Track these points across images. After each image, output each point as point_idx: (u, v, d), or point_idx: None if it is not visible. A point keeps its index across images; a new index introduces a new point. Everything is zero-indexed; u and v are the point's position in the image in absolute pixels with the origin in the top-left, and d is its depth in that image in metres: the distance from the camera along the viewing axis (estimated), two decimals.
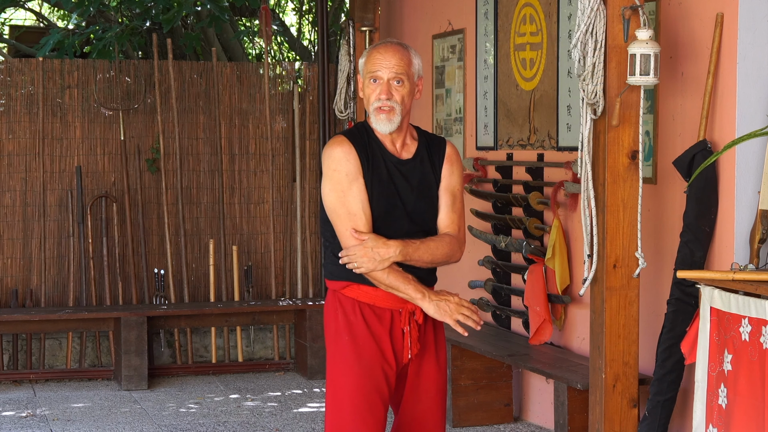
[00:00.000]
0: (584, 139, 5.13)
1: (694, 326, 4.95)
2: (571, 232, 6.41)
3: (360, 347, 4.10)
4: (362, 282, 4.11)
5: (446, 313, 4.03)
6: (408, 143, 4.25)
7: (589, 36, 5.02)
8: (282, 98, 9.22)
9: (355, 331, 4.11)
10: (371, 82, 4.13)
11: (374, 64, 4.13)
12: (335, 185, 4.08)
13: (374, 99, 4.12)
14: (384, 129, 4.14)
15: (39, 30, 12.34)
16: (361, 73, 4.21)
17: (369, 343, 4.10)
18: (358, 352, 4.10)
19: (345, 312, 4.14)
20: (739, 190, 5.15)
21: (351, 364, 4.10)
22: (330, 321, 4.19)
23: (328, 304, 4.21)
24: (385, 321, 4.13)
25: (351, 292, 4.14)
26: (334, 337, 4.16)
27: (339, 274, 4.15)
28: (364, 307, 4.13)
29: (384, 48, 4.16)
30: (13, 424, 7.16)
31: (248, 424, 7.12)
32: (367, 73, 4.15)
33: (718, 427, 4.68)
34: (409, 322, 4.13)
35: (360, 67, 4.21)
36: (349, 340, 4.11)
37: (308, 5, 12.19)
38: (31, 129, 8.76)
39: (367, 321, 4.12)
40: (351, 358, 4.10)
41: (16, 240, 8.75)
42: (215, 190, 9.08)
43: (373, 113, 4.14)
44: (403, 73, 4.13)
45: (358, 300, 4.13)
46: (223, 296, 8.98)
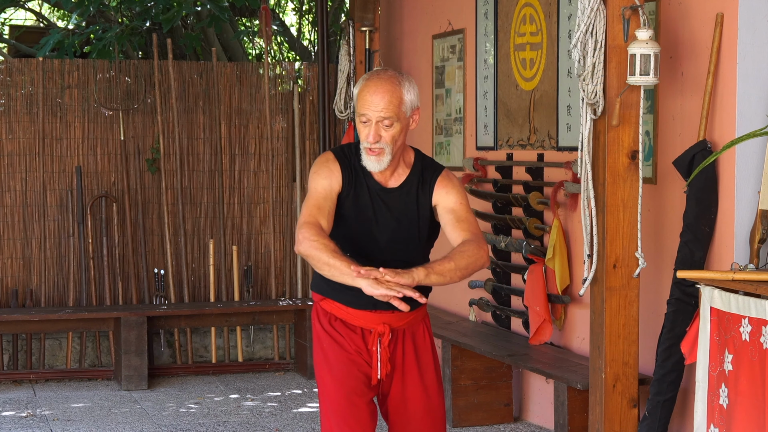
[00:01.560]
0: (584, 139, 5.13)
1: (694, 326, 4.95)
2: (571, 232, 6.41)
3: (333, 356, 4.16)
4: (335, 298, 4.17)
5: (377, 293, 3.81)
6: (399, 172, 4.16)
7: (589, 36, 5.02)
8: (282, 98, 9.22)
9: (330, 342, 4.18)
10: (360, 120, 4.04)
11: (363, 105, 4.01)
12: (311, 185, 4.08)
13: (363, 139, 4.04)
14: (373, 168, 4.08)
15: (39, 30, 12.34)
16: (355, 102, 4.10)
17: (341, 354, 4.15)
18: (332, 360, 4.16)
19: (321, 323, 4.22)
20: (739, 190, 5.15)
21: (327, 370, 4.17)
22: (313, 329, 4.28)
23: (313, 312, 4.30)
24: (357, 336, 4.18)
25: (327, 305, 4.22)
26: (315, 344, 4.26)
27: (318, 287, 4.24)
28: (337, 322, 4.19)
29: (374, 86, 4.01)
30: (13, 424, 7.16)
31: (248, 424, 7.12)
32: (358, 110, 4.04)
33: (719, 427, 4.68)
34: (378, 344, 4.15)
35: (355, 95, 4.10)
36: (326, 348, 4.18)
37: (308, 5, 12.19)
38: (31, 129, 8.76)
39: (340, 333, 4.17)
40: (327, 365, 4.17)
41: (16, 240, 8.75)
42: (215, 190, 9.08)
43: (363, 150, 4.07)
44: (392, 116, 3.99)
45: (332, 313, 4.20)
46: (223, 296, 8.98)
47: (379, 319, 4.15)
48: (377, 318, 4.15)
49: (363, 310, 4.15)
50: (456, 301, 7.73)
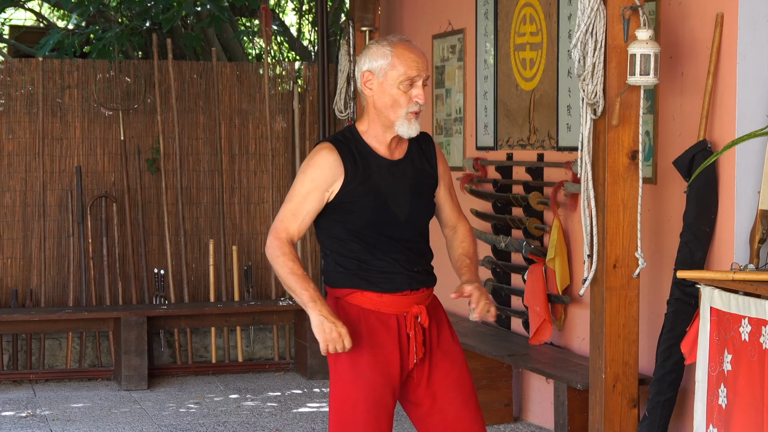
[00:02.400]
0: (584, 139, 5.13)
1: (694, 326, 4.95)
2: (571, 232, 6.41)
3: (364, 357, 4.00)
4: (366, 289, 4.03)
5: (321, 336, 3.89)
6: (401, 143, 4.12)
7: (589, 36, 5.02)
8: (282, 98, 9.22)
9: (360, 341, 4.00)
10: (405, 84, 3.96)
11: (410, 67, 3.94)
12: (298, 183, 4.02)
13: (409, 103, 3.96)
14: (411, 133, 4.02)
15: (39, 30, 12.35)
16: (377, 72, 3.99)
17: (373, 353, 4.00)
18: (363, 362, 4.00)
19: (349, 320, 4.02)
20: (739, 190, 5.15)
21: (356, 374, 4.00)
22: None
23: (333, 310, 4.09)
24: (391, 327, 4.04)
25: (355, 299, 4.05)
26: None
27: (342, 282, 4.07)
28: (369, 315, 4.03)
29: (411, 47, 3.98)
30: (13, 424, 7.16)
31: (248, 424, 7.12)
32: (398, 74, 3.95)
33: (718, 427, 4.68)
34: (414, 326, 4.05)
35: (377, 66, 3.98)
36: (353, 350, 3.99)
37: (308, 5, 12.19)
38: (31, 129, 8.76)
39: (371, 329, 4.02)
40: (356, 368, 4.00)
41: (16, 240, 8.75)
42: (215, 190, 9.08)
43: (404, 117, 3.98)
44: (429, 74, 4.06)
45: (363, 307, 4.04)
46: (223, 296, 8.98)
47: (411, 300, 4.05)
48: (410, 300, 4.05)
49: (398, 293, 4.03)
50: (456, 301, 7.72)
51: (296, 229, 4.02)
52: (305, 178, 4.00)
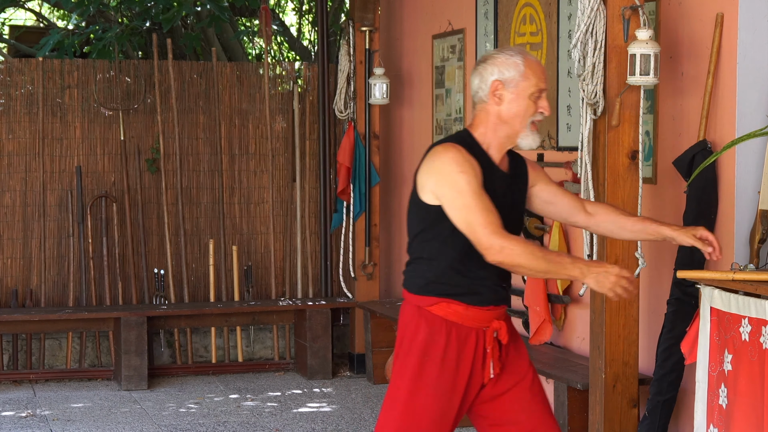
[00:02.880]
0: (584, 139, 5.13)
1: (694, 326, 4.95)
2: (571, 232, 6.41)
3: (441, 370, 3.96)
4: (458, 299, 3.96)
5: (604, 286, 3.81)
6: (505, 157, 4.09)
7: (589, 36, 5.02)
8: (282, 98, 9.22)
9: (438, 353, 3.96)
10: (535, 95, 3.97)
11: (541, 78, 3.98)
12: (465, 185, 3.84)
13: (536, 112, 3.97)
14: (533, 144, 4.02)
15: (39, 30, 12.35)
16: (509, 83, 3.96)
17: (451, 367, 3.96)
18: (438, 375, 3.96)
19: (431, 331, 3.96)
20: (739, 190, 5.15)
21: (428, 386, 3.96)
22: (410, 336, 4.01)
23: (409, 318, 4.03)
24: (470, 341, 4.00)
25: (440, 310, 3.98)
26: (412, 353, 3.99)
27: (431, 290, 3.99)
28: (451, 327, 3.98)
29: (537, 60, 4.04)
30: (13, 424, 7.16)
31: (248, 424, 7.12)
32: (531, 85, 3.95)
33: (718, 427, 4.68)
34: (492, 342, 4.01)
35: (509, 76, 3.96)
36: (431, 362, 3.95)
37: (308, 5, 12.19)
38: (31, 129, 8.76)
39: (451, 342, 3.98)
40: (429, 380, 3.96)
41: (16, 240, 8.75)
42: (215, 190, 9.08)
43: (528, 127, 3.98)
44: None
45: (446, 319, 3.98)
46: (223, 296, 8.98)
47: (493, 315, 4.02)
48: (492, 315, 4.02)
49: (484, 306, 3.99)
50: None
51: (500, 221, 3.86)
52: (468, 176, 3.86)
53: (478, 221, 3.81)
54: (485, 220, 3.81)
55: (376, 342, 8.22)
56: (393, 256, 9.06)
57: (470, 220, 3.82)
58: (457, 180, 3.85)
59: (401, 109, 8.82)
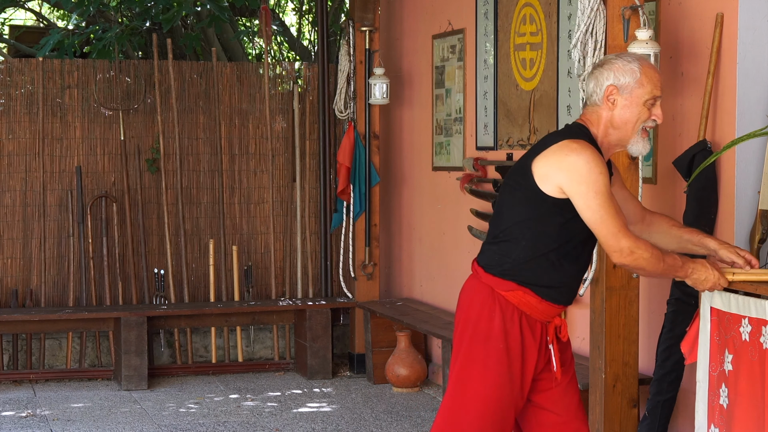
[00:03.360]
0: None
1: (694, 326, 4.95)
2: None
3: (512, 357, 4.00)
4: (538, 292, 4.01)
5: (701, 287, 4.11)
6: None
7: (589, 36, 5.02)
8: (282, 98, 9.22)
9: (511, 340, 4.00)
10: (649, 102, 4.00)
11: (656, 86, 4.01)
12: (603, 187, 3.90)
13: (647, 119, 4.01)
14: (644, 151, 4.07)
15: (39, 30, 12.35)
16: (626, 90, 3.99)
17: (520, 354, 4.02)
18: (509, 362, 4.00)
19: (504, 317, 4.01)
20: (739, 190, 5.15)
21: (498, 372, 4.00)
22: (481, 318, 4.06)
23: (481, 299, 4.08)
24: (536, 333, 4.05)
25: (514, 297, 4.02)
26: (485, 335, 4.03)
27: (515, 276, 4.02)
28: (522, 317, 4.02)
29: (654, 66, 4.07)
30: (13, 424, 7.16)
31: (248, 424, 7.12)
32: (647, 92, 3.99)
33: (719, 427, 4.68)
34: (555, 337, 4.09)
35: (629, 82, 3.99)
36: (503, 348, 3.99)
37: (308, 5, 12.19)
38: (31, 129, 8.76)
39: (523, 331, 4.02)
40: (500, 366, 4.00)
41: (16, 240, 8.75)
42: (215, 190, 9.08)
43: (639, 134, 4.02)
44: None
45: (519, 307, 4.02)
46: (223, 296, 8.98)
47: (558, 312, 4.08)
48: (558, 311, 4.08)
49: (557, 304, 4.04)
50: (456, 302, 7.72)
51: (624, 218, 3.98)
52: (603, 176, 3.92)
53: (614, 223, 3.90)
54: (619, 223, 3.91)
55: (376, 342, 8.22)
56: (393, 256, 9.06)
57: (606, 221, 3.90)
58: (597, 180, 3.90)
59: (401, 109, 8.82)
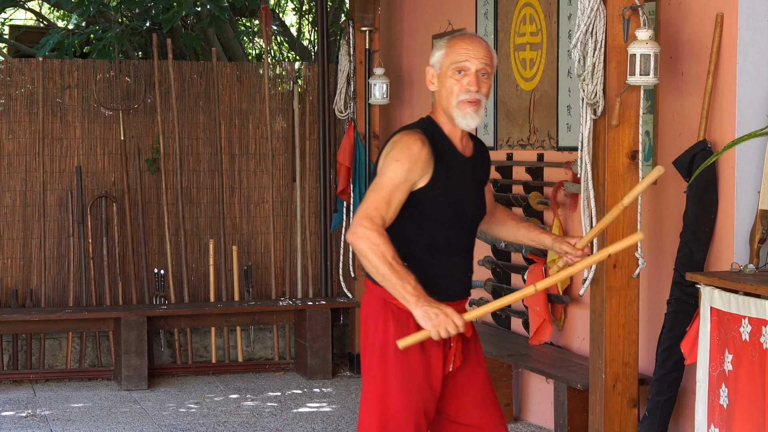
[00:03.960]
0: (584, 139, 5.13)
1: (694, 326, 4.95)
2: (571, 232, 6.41)
3: (412, 364, 3.93)
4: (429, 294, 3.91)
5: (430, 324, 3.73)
6: (468, 140, 4.07)
7: (589, 36, 5.02)
8: (282, 98, 9.22)
9: (410, 347, 3.90)
10: (456, 73, 3.91)
11: (461, 54, 3.91)
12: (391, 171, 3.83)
13: (461, 91, 3.90)
14: (471, 123, 3.93)
15: (39, 30, 12.34)
16: (435, 65, 3.96)
17: (421, 360, 3.94)
18: (411, 368, 3.93)
19: (398, 325, 3.94)
20: (739, 190, 5.15)
21: (403, 380, 3.93)
22: (377, 331, 3.97)
23: (374, 311, 4.00)
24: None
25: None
26: (381, 349, 3.97)
27: None
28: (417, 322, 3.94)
29: (470, 39, 3.95)
30: (13, 424, 7.16)
31: (248, 424, 7.12)
32: (450, 63, 3.91)
33: (719, 427, 4.68)
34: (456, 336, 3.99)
35: (435, 59, 3.96)
36: (403, 355, 3.92)
37: (308, 5, 12.19)
38: (31, 129, 8.76)
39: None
40: (403, 374, 3.93)
41: (16, 240, 8.75)
42: (215, 190, 9.08)
43: (457, 107, 3.91)
44: (489, 65, 3.93)
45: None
46: (223, 296, 8.98)
47: (456, 309, 3.96)
48: (456, 308, 3.97)
49: (452, 301, 3.94)
50: None
51: (389, 218, 3.83)
52: (400, 168, 3.84)
53: (368, 202, 3.80)
54: (374, 205, 3.79)
55: None
56: None
57: (367, 195, 3.82)
58: (390, 165, 3.84)
59: (401, 109, 8.82)
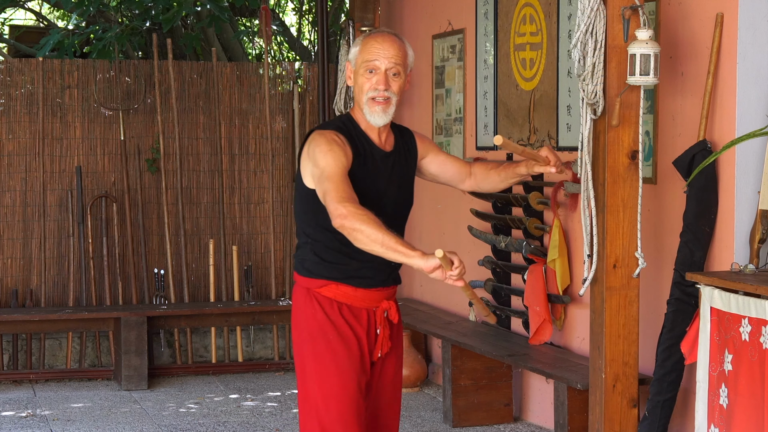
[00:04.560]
0: (584, 139, 5.13)
1: (694, 326, 4.95)
2: (571, 232, 6.41)
3: (346, 346, 4.03)
4: (344, 282, 4.04)
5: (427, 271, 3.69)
6: (389, 135, 4.16)
7: (589, 36, 5.01)
8: (282, 98, 9.22)
9: (340, 330, 4.03)
10: (366, 72, 4.02)
11: (371, 53, 4.02)
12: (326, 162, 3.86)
13: (370, 89, 4.01)
14: (379, 121, 4.03)
15: (39, 30, 12.34)
16: (352, 61, 4.09)
17: (353, 342, 4.04)
18: (344, 351, 4.02)
19: (325, 311, 4.04)
20: (739, 190, 5.15)
21: (338, 364, 4.01)
22: (307, 320, 4.07)
23: (302, 302, 4.09)
24: (362, 320, 4.08)
25: (329, 291, 4.05)
26: (312, 336, 4.05)
27: (318, 272, 4.05)
28: (343, 307, 4.06)
29: (381, 37, 4.05)
30: (13, 424, 7.16)
31: (248, 424, 7.12)
32: (362, 62, 4.03)
33: (719, 427, 4.68)
34: (383, 322, 4.10)
35: (352, 55, 4.09)
36: (334, 340, 4.02)
37: (308, 5, 12.19)
38: (31, 129, 8.76)
39: (347, 320, 4.05)
40: (338, 358, 4.01)
41: (16, 240, 8.75)
42: (215, 190, 9.08)
43: (367, 104, 4.03)
44: (400, 64, 4.02)
45: (336, 300, 4.05)
46: (223, 296, 8.98)
47: (382, 296, 4.11)
48: (381, 295, 4.10)
49: (373, 288, 4.06)
50: (456, 301, 7.73)
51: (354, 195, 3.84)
52: (333, 154, 3.89)
53: (331, 188, 3.82)
54: (337, 188, 3.81)
55: None
56: None
57: (326, 188, 3.85)
58: (322, 158, 3.89)
59: (401, 109, 8.80)
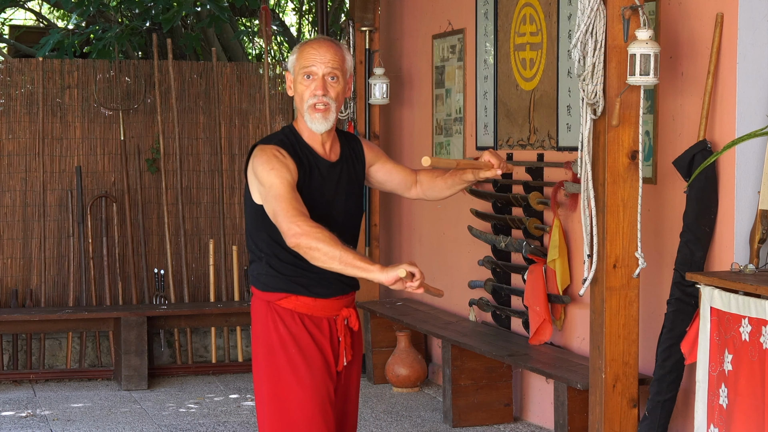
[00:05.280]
0: (584, 139, 5.13)
1: (694, 326, 4.96)
2: (571, 232, 6.41)
3: (308, 358, 3.99)
4: (301, 293, 4.01)
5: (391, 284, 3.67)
6: (334, 143, 4.12)
7: (589, 36, 5.02)
8: (282, 98, 9.22)
9: (301, 342, 3.99)
10: (304, 78, 3.97)
11: (308, 59, 3.97)
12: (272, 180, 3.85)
13: (309, 96, 3.97)
14: (320, 128, 3.98)
15: (39, 30, 12.35)
16: (291, 69, 4.04)
17: (315, 353, 4.01)
18: (307, 363, 3.99)
19: (285, 324, 4.00)
20: (739, 190, 5.15)
21: (301, 376, 3.98)
22: (267, 333, 4.03)
23: (262, 315, 4.05)
24: (324, 330, 4.05)
25: (289, 303, 4.01)
26: (273, 349, 4.01)
27: (275, 286, 4.02)
28: (304, 318, 4.02)
29: (317, 43, 4.01)
30: (13, 424, 7.16)
31: (248, 424, 7.12)
32: (300, 69, 3.98)
33: (719, 427, 4.68)
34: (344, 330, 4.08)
35: (290, 64, 4.04)
36: (296, 352, 3.99)
37: (308, 5, 12.19)
38: (31, 129, 8.76)
39: (310, 331, 4.02)
40: (300, 370, 3.98)
41: (16, 240, 8.75)
42: (215, 190, 9.08)
43: (307, 111, 3.98)
44: (338, 68, 3.99)
45: (296, 311, 4.01)
46: (223, 296, 8.98)
47: (342, 304, 4.08)
48: (341, 303, 4.08)
49: (332, 297, 4.05)
50: (456, 302, 7.73)
51: (305, 210, 3.83)
52: (277, 172, 3.87)
53: (281, 208, 3.80)
54: (287, 206, 3.79)
55: (376, 342, 8.22)
56: (393, 256, 9.06)
57: (276, 208, 3.82)
58: (266, 177, 3.86)
59: (401, 109, 8.82)
